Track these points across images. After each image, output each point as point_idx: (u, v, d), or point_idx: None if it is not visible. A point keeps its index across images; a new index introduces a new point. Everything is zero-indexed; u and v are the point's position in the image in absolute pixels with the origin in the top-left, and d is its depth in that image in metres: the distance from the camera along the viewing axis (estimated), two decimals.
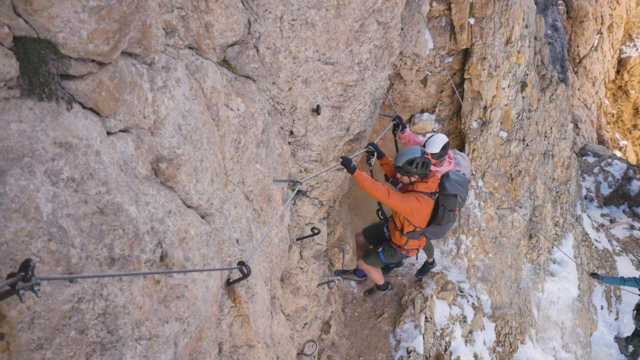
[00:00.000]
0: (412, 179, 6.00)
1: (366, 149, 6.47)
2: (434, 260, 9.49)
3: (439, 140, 6.88)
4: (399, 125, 7.55)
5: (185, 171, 3.40)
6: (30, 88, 2.27)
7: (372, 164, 6.63)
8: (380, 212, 7.25)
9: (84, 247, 2.43)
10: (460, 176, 6.00)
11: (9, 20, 2.16)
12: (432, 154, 6.78)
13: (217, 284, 3.78)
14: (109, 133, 2.81)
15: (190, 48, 3.79)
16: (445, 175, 5.96)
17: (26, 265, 1.93)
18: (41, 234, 2.22)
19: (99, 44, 2.49)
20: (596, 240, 17.04)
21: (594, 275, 11.50)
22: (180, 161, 3.34)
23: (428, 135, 8.51)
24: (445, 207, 5.99)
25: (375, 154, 6.50)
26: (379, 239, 7.20)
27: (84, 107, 2.60)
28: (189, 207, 3.53)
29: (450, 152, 7.28)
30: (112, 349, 2.60)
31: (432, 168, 6.66)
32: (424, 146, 6.85)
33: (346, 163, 5.81)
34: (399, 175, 6.16)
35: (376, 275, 7.55)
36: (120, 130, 2.92)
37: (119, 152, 2.85)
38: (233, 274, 4.13)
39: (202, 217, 3.69)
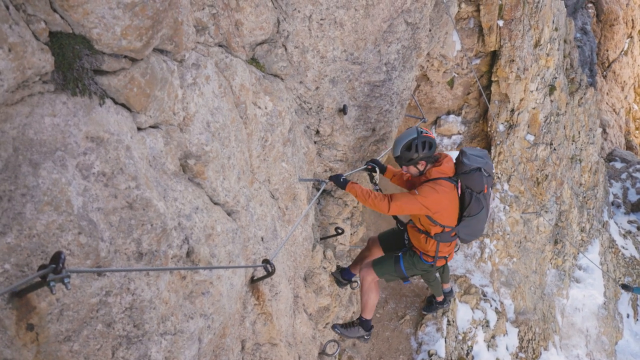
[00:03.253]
0: (420, 168, 5.06)
1: (365, 165, 5.72)
2: (444, 300, 8.43)
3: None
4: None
5: (213, 168, 3.42)
6: (64, 83, 2.30)
7: (377, 181, 5.74)
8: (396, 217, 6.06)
9: (113, 241, 2.46)
10: (477, 150, 5.13)
11: (46, 16, 2.19)
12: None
13: (241, 282, 3.80)
14: (139, 129, 2.84)
15: (220, 46, 3.80)
16: (460, 152, 5.06)
17: (57, 258, 1.96)
18: (72, 227, 2.25)
19: (132, 40, 2.51)
20: (623, 247, 16.75)
21: (624, 287, 11.30)
22: (208, 158, 3.35)
23: None
24: (471, 189, 4.93)
25: (378, 169, 5.65)
26: (399, 247, 5.92)
27: (115, 103, 2.63)
28: (215, 204, 3.54)
29: None
30: (137, 343, 2.62)
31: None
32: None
33: (335, 180, 5.25)
34: (404, 169, 5.25)
35: (372, 301, 5.91)
36: (150, 126, 2.95)
37: (148, 147, 2.88)
38: (257, 271, 4.14)
39: (229, 214, 3.71)
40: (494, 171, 5.16)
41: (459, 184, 4.99)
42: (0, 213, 2.04)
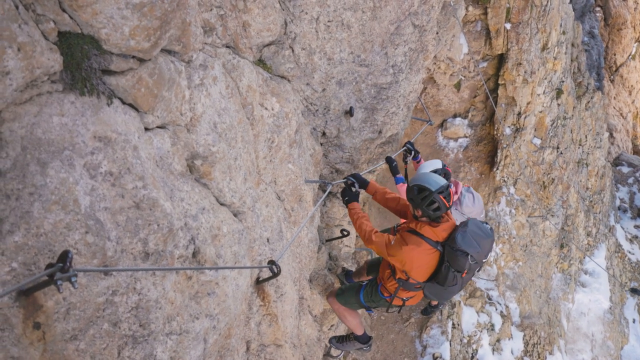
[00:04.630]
0: (417, 214, 4.51)
1: (345, 179, 5.28)
2: (438, 304, 8.48)
3: (428, 165, 5.65)
4: (410, 152, 6.38)
5: (220, 169, 3.42)
6: (72, 82, 2.31)
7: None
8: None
9: (120, 240, 2.46)
10: (484, 230, 4.43)
11: (55, 16, 2.20)
12: None
13: (247, 282, 3.80)
14: (146, 129, 2.85)
15: (227, 47, 3.81)
16: (463, 224, 4.45)
17: (64, 257, 1.96)
18: (79, 226, 2.25)
19: (140, 41, 2.52)
20: (629, 252, 16.67)
21: (633, 291, 11.23)
22: (215, 159, 3.36)
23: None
24: (450, 265, 4.37)
25: (357, 185, 5.17)
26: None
27: (123, 103, 2.63)
28: (222, 204, 3.55)
29: (463, 188, 5.94)
30: (143, 342, 2.62)
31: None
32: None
33: (345, 194, 5.05)
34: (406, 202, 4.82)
35: (352, 321, 5.73)
36: (158, 127, 2.95)
37: (155, 148, 2.88)
38: (263, 272, 4.14)
39: (235, 215, 3.71)
40: (485, 260, 4.52)
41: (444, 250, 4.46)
42: (8, 212, 2.05)
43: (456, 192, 5.80)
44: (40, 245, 2.14)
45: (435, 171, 5.43)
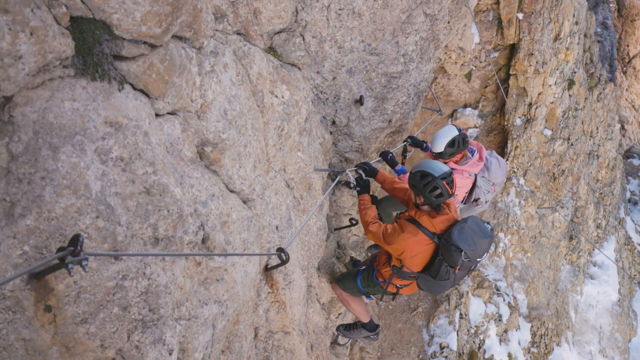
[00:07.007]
0: (419, 201, 4.53)
1: (355, 168, 5.38)
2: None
3: (443, 134, 5.43)
4: (411, 145, 6.25)
5: (229, 156, 3.43)
6: (84, 67, 2.31)
7: (353, 186, 5.29)
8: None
9: (130, 225, 2.47)
10: (483, 230, 4.42)
11: (67, 0, 2.20)
12: (435, 154, 5.49)
13: (255, 269, 3.81)
14: (157, 115, 2.85)
15: (238, 34, 3.81)
16: (463, 220, 4.41)
17: (75, 240, 1.98)
18: (90, 210, 2.26)
19: (152, 26, 2.52)
20: (639, 245, 16.61)
21: None
22: (224, 146, 3.36)
23: None
24: (443, 259, 4.35)
25: (364, 175, 5.21)
26: None
27: (134, 88, 2.64)
28: (231, 191, 3.56)
29: (486, 152, 5.78)
30: (152, 327, 2.64)
31: (452, 165, 5.47)
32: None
33: (360, 184, 5.09)
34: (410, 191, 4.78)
35: (356, 308, 5.74)
36: (168, 113, 2.96)
37: (166, 134, 2.89)
38: (271, 260, 4.15)
39: (244, 202, 3.72)
40: (479, 260, 4.50)
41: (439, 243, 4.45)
42: (20, 195, 2.07)
43: (481, 158, 5.68)
44: (52, 229, 2.15)
45: (453, 139, 5.35)
